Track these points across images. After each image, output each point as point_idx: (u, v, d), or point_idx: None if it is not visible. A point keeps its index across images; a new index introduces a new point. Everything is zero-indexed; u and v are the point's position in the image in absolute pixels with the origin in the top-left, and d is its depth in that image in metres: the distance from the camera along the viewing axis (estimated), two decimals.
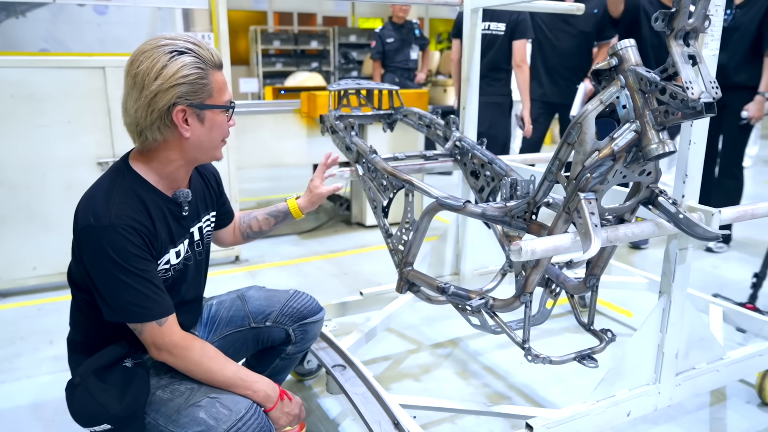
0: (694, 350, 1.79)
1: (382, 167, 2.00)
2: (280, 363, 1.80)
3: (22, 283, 3.09)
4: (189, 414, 1.38)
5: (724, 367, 1.86)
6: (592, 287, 1.68)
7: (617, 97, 1.34)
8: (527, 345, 1.61)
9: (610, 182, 1.39)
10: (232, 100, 1.47)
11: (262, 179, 6.16)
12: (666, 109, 1.27)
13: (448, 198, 1.75)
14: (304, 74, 9.60)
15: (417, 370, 2.42)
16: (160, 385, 1.45)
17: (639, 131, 1.31)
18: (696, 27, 1.24)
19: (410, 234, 1.91)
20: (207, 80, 1.37)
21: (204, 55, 1.37)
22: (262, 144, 3.93)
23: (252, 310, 1.75)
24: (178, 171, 1.47)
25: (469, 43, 2.40)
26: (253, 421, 1.37)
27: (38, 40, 3.87)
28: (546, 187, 1.49)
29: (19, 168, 2.98)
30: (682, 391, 1.78)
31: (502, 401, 2.19)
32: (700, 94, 1.20)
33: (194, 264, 1.59)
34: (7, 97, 2.90)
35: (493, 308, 1.66)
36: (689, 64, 1.22)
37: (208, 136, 1.43)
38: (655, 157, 1.29)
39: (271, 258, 3.77)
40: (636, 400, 1.70)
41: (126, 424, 1.41)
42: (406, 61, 6.04)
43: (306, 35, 11.73)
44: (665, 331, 1.69)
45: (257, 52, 11.19)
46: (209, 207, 1.67)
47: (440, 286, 1.77)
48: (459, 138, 2.30)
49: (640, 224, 1.47)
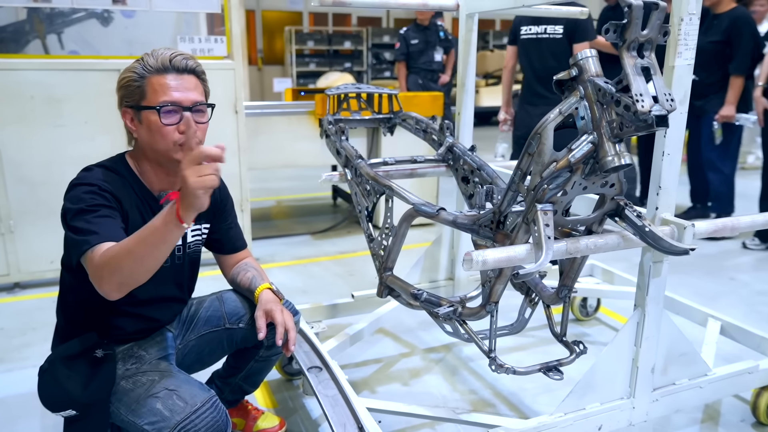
0: (674, 365, 1.75)
1: (366, 172, 2.01)
2: (255, 365, 1.84)
3: (39, 275, 3.24)
4: (147, 404, 1.43)
5: (708, 383, 1.81)
6: (564, 298, 1.67)
7: (576, 108, 1.33)
8: (493, 354, 1.61)
9: (570, 194, 1.37)
10: (169, 102, 1.45)
11: (286, 179, 6.25)
12: (621, 121, 1.25)
13: (424, 205, 1.75)
14: (335, 74, 9.69)
15: (406, 374, 2.43)
16: (125, 375, 1.52)
17: (596, 143, 1.30)
18: (651, 38, 1.22)
19: (389, 239, 1.92)
20: (140, 83, 1.47)
21: (148, 61, 1.47)
22: (276, 145, 4.00)
23: (228, 311, 1.79)
24: (151, 170, 1.56)
25: (465, 48, 2.39)
26: (207, 414, 1.41)
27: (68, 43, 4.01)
28: (510, 197, 1.48)
29: (38, 166, 3.11)
30: (659, 406, 1.75)
31: (485, 409, 2.18)
32: (651, 107, 1.18)
33: (170, 266, 1.64)
34: (27, 98, 3.04)
35: (462, 316, 1.66)
36: (641, 76, 1.20)
37: (149, 137, 1.49)
38: (610, 169, 1.28)
39: (281, 257, 3.83)
40: (608, 414, 1.67)
41: (90, 411, 1.48)
42: (429, 63, 6.03)
43: (340, 35, 11.83)
44: (639, 345, 1.66)
45: (291, 52, 11.35)
46: (201, 219, 1.70)
47: (413, 292, 1.78)
48: (452, 143, 2.29)
49: (604, 236, 1.45)
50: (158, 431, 1.40)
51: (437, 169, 2.33)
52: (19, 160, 3.07)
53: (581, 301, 2.87)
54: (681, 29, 1.44)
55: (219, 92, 3.41)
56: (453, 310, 1.66)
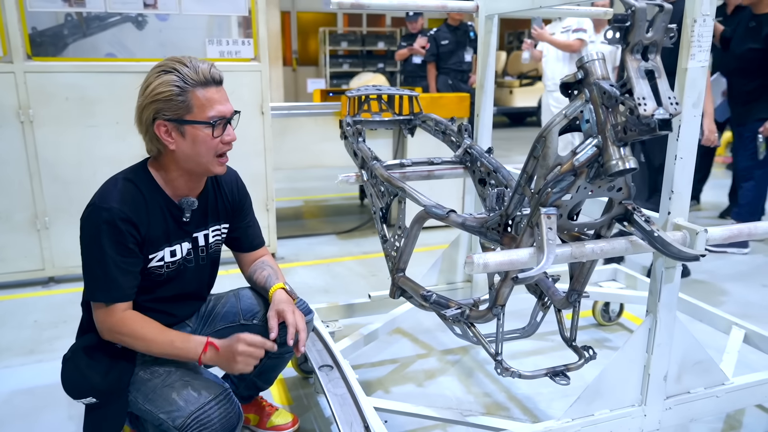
0: (688, 373, 1.71)
1: (380, 173, 2.03)
2: (268, 362, 1.87)
3: (73, 270, 3.35)
4: (163, 394, 1.50)
5: (725, 393, 1.77)
6: (574, 302, 1.65)
7: (581, 111, 1.32)
8: (499, 357, 1.60)
9: (575, 197, 1.36)
10: (218, 117, 1.51)
11: (314, 179, 6.30)
12: (625, 124, 1.23)
13: (435, 207, 1.76)
14: (368, 75, 9.74)
15: (421, 375, 2.43)
16: (143, 366, 1.58)
17: (600, 146, 1.28)
18: (656, 41, 1.20)
19: (401, 240, 1.93)
20: (185, 97, 1.47)
21: (186, 74, 1.47)
22: (302, 145, 4.05)
23: (243, 307, 1.83)
24: (179, 179, 1.60)
25: (484, 50, 2.38)
26: (221, 405, 1.47)
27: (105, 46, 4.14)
28: (516, 201, 1.48)
29: (71, 165, 3.23)
30: (673, 415, 1.71)
31: (498, 412, 2.17)
32: (654, 111, 1.16)
33: (195, 267, 1.71)
34: (62, 99, 3.15)
35: (470, 319, 1.66)
36: (645, 79, 1.18)
37: (193, 149, 1.52)
38: (615, 173, 1.26)
39: (305, 257, 3.88)
40: (618, 421, 1.65)
41: (109, 399, 1.55)
42: (459, 63, 6.01)
43: (373, 36, 11.89)
44: (651, 351, 1.63)
45: (325, 53, 11.45)
46: (221, 219, 1.76)
47: (423, 294, 1.78)
48: (469, 145, 2.29)
49: (611, 241, 1.43)
50: (173, 420, 1.46)
51: (455, 170, 2.33)
52: (54, 159, 3.19)
53: (603, 306, 2.82)
54: (694, 31, 1.42)
55: (246, 93, 3.48)
56: (461, 312, 1.66)
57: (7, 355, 2.61)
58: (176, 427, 1.45)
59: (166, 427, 1.48)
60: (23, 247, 3.26)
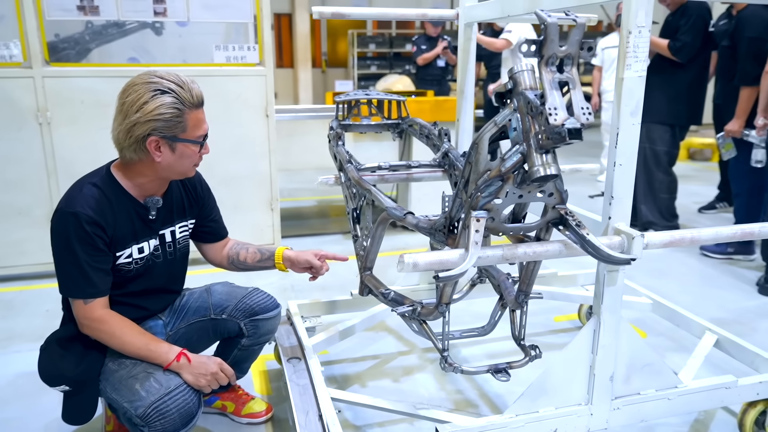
0: (638, 375, 1.75)
1: (352, 176, 2.12)
2: (239, 354, 1.99)
3: None
4: (127, 384, 1.61)
5: (677, 396, 1.80)
6: (521, 303, 1.72)
7: (510, 120, 1.38)
8: (445, 353, 1.68)
9: (504, 202, 1.43)
10: (204, 135, 1.68)
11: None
12: (544, 132, 1.30)
13: (395, 208, 1.84)
14: (393, 77, 9.81)
15: (399, 371, 2.51)
16: (112, 357, 1.70)
17: (525, 153, 1.35)
18: (571, 53, 1.26)
19: (368, 240, 2.02)
20: (182, 118, 1.60)
21: (184, 97, 1.60)
22: (310, 147, 4.18)
23: (213, 302, 1.95)
24: (150, 183, 1.73)
25: (463, 56, 2.45)
26: (179, 396, 1.58)
27: (128, 50, 4.34)
28: (458, 204, 1.55)
29: (86, 164, 3.37)
30: (621, 415, 1.75)
31: (467, 409, 2.23)
32: (564, 121, 1.22)
33: (163, 261, 1.83)
34: (78, 102, 3.35)
35: (421, 316, 1.74)
36: (558, 90, 1.24)
37: (178, 162, 1.66)
38: (537, 179, 1.32)
39: None
40: (564, 419, 1.70)
41: (81, 387, 1.69)
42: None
43: (402, 38, 11.97)
44: (596, 352, 1.67)
45: (354, 55, 11.59)
46: (187, 215, 1.89)
47: (382, 291, 1.87)
48: (447, 149, 2.36)
49: (544, 244, 1.49)
50: (135, 409, 1.57)
51: (433, 173, 2.41)
52: (70, 158, 3.39)
53: (588, 309, 2.85)
54: (630, 42, 1.46)
55: (251, 97, 3.63)
56: (412, 309, 1.74)
57: (18, 341, 2.80)
58: (138, 416, 1.55)
59: (130, 415, 1.58)
60: (42, 241, 3.45)
